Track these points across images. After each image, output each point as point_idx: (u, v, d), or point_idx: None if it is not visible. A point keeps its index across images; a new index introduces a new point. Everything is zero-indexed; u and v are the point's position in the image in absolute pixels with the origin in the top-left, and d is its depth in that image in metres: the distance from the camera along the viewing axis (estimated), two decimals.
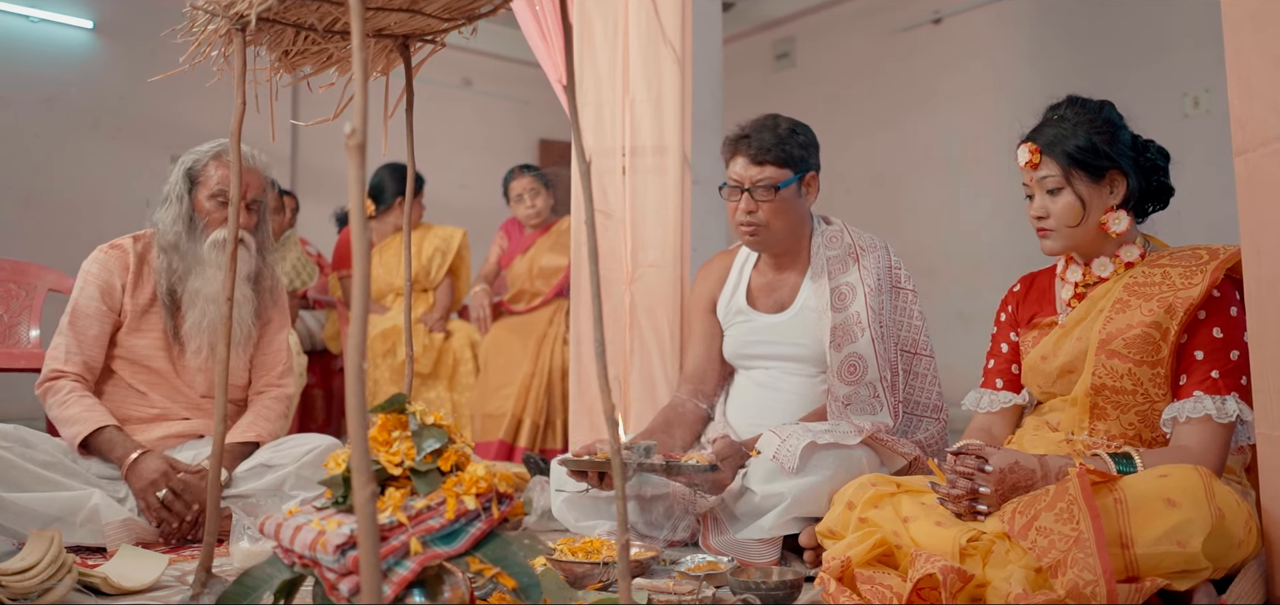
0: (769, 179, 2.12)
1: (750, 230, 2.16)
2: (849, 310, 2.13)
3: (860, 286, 2.15)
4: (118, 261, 2.26)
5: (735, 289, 2.34)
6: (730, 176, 2.17)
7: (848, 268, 2.18)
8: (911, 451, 2.01)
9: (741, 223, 2.16)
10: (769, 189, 2.12)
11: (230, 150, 1.54)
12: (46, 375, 2.18)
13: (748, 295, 2.31)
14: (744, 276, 2.34)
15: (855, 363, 2.10)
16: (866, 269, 2.17)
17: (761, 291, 2.30)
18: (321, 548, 1.14)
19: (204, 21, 1.55)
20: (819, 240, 2.24)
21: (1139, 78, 4.64)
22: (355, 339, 0.97)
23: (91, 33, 5.28)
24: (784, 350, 2.23)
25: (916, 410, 2.21)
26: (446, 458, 1.25)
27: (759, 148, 2.12)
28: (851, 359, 2.10)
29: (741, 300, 2.31)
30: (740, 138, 2.16)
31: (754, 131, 2.15)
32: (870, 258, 2.19)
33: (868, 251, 2.20)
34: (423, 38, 1.68)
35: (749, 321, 2.28)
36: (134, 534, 2.02)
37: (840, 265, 2.19)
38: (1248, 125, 1.49)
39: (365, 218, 0.98)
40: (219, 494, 1.45)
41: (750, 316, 2.29)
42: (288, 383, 2.42)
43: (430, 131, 6.46)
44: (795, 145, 2.15)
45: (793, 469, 1.85)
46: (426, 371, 3.88)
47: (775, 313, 2.26)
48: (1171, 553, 1.34)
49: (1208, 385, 1.59)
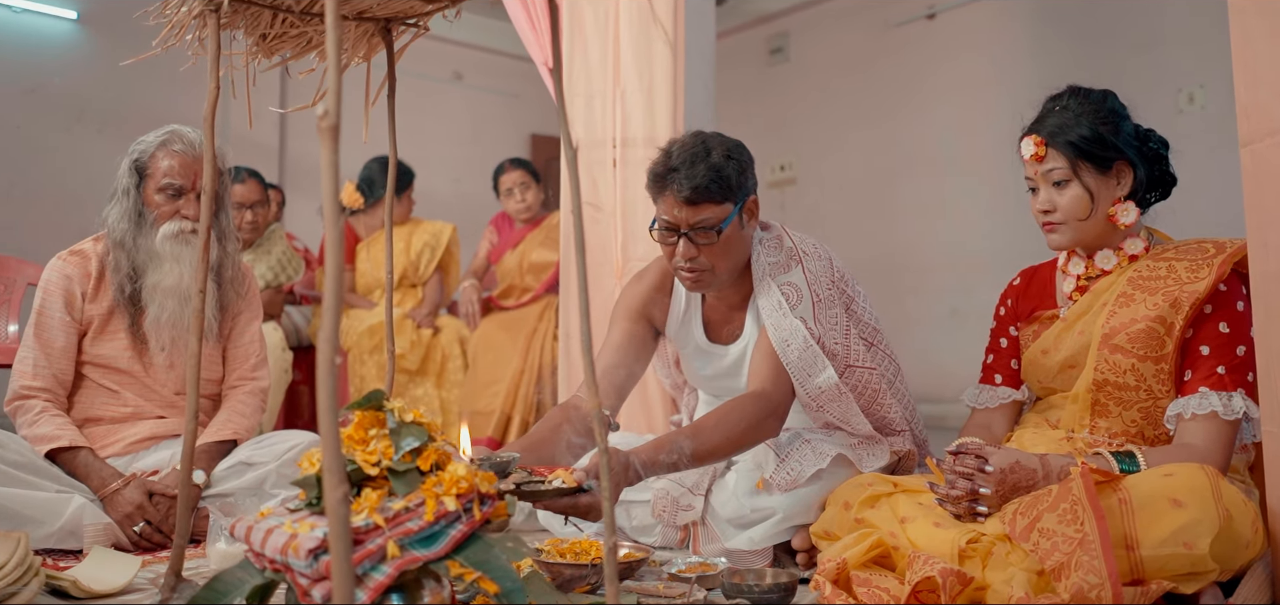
0: (709, 220, 1.82)
1: (693, 277, 1.87)
2: (796, 310, 1.89)
3: (805, 287, 1.92)
4: (78, 268, 2.19)
5: (687, 316, 2.10)
6: (662, 215, 1.85)
7: (790, 268, 1.96)
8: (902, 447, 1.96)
9: (681, 268, 1.87)
10: (710, 231, 1.82)
11: (202, 135, 1.48)
12: (16, 393, 2.11)
13: (706, 328, 2.08)
14: (695, 302, 2.09)
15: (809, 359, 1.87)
16: (810, 273, 1.95)
17: (717, 322, 2.08)
18: (293, 552, 1.09)
19: (177, 2, 1.49)
20: (759, 250, 1.98)
21: (1133, 73, 4.61)
22: (326, 331, 0.92)
23: (75, 23, 5.21)
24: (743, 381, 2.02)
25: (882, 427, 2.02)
26: (426, 457, 1.20)
27: (693, 187, 1.79)
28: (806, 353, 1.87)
29: (700, 336, 2.08)
30: (668, 171, 1.82)
31: (683, 164, 1.80)
32: (812, 262, 1.97)
33: (810, 256, 1.98)
34: (405, 21, 1.63)
35: (718, 358, 2.07)
36: (113, 537, 1.98)
37: (783, 266, 1.96)
38: (1253, 115, 1.45)
39: (338, 204, 0.93)
40: (189, 493, 1.40)
41: (714, 352, 2.07)
42: (261, 376, 2.36)
43: (421, 126, 6.40)
44: (733, 172, 1.82)
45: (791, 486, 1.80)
46: (414, 368, 3.83)
47: (732, 342, 2.06)
48: (1178, 554, 1.30)
49: (1213, 381, 1.55)
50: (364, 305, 3.99)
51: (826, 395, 1.86)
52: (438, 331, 3.93)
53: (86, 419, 2.18)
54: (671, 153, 1.85)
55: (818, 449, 1.86)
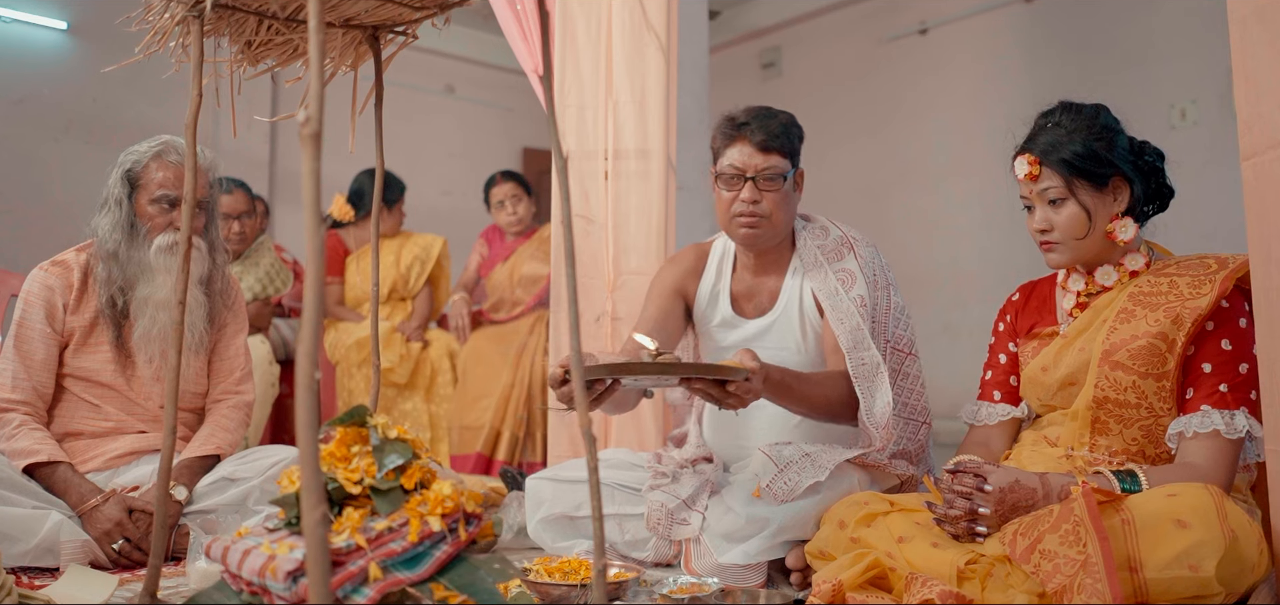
0: (774, 168, 2.00)
1: (751, 222, 2.01)
2: (851, 293, 2.03)
3: (858, 273, 2.05)
4: (60, 280, 2.14)
5: (715, 290, 2.20)
6: (729, 164, 2.01)
7: (844, 255, 2.10)
8: (905, 470, 1.93)
9: (741, 214, 2.01)
10: (776, 178, 2.00)
11: (185, 144, 1.44)
12: None
13: (733, 302, 2.19)
14: (724, 278, 2.20)
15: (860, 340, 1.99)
16: (862, 258, 2.09)
17: (743, 296, 2.18)
18: (271, 574, 1.05)
19: (160, 7, 1.46)
20: (805, 236, 2.13)
21: (1125, 89, 4.61)
22: (305, 343, 0.88)
23: (65, 34, 5.16)
24: (771, 356, 2.12)
25: (905, 412, 2.10)
26: (410, 475, 1.16)
27: (765, 134, 2.00)
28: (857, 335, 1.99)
29: (726, 308, 2.17)
30: (742, 123, 2.02)
31: (754, 118, 2.02)
32: (863, 248, 2.12)
33: (860, 242, 2.13)
34: (394, 29, 1.59)
35: (738, 329, 2.16)
36: (91, 555, 1.93)
37: (835, 253, 2.10)
38: (1255, 127, 1.42)
39: (319, 212, 0.90)
40: (165, 512, 1.35)
41: (737, 323, 2.17)
42: (246, 389, 2.31)
43: (412, 138, 6.36)
44: (794, 137, 2.05)
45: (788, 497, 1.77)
46: (403, 382, 3.78)
47: (758, 317, 2.16)
48: (1183, 577, 1.27)
49: (1216, 399, 1.52)
50: (353, 318, 3.95)
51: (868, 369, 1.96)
52: (427, 345, 3.89)
53: (66, 433, 2.14)
54: (740, 111, 2.06)
55: (817, 462, 1.84)
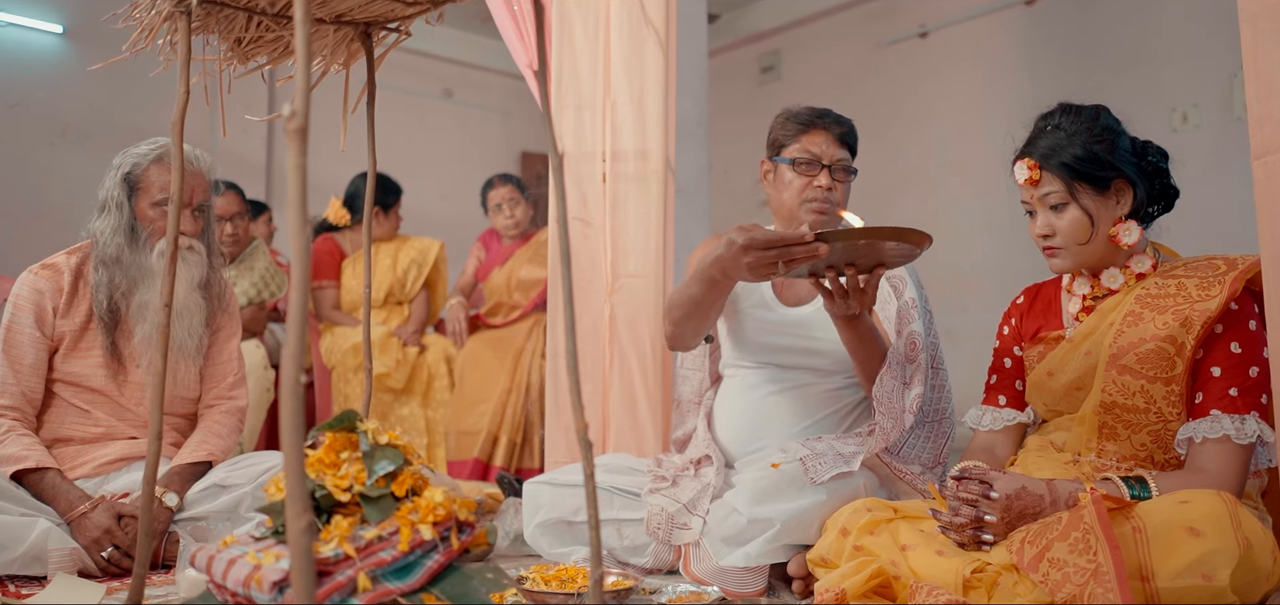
0: (849, 162, 2.09)
1: (823, 207, 2.05)
2: (904, 297, 2.07)
3: (908, 275, 2.10)
4: (50, 283, 2.11)
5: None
6: (807, 150, 2.07)
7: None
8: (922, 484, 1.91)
9: (815, 200, 2.04)
10: (847, 172, 2.08)
11: (172, 145, 1.41)
12: None
13: (773, 286, 2.18)
14: None
15: (914, 340, 2.00)
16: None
17: (782, 283, 2.19)
18: (257, 585, 1.02)
19: (147, 4, 1.43)
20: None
21: (1126, 92, 4.58)
22: (292, 347, 0.85)
23: (60, 37, 5.14)
24: (807, 345, 2.10)
25: (935, 416, 2.08)
26: (401, 481, 1.13)
27: (843, 129, 2.09)
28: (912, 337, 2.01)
29: (766, 290, 2.17)
30: (820, 113, 2.11)
31: (830, 113, 2.11)
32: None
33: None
34: (386, 26, 1.56)
35: (773, 313, 2.15)
36: (80, 563, 1.89)
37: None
38: (1266, 126, 1.39)
39: (304, 210, 0.87)
40: (149, 520, 1.32)
41: (774, 308, 2.16)
42: (239, 394, 2.28)
43: (410, 142, 6.33)
44: (856, 139, 2.14)
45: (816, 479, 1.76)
46: (400, 386, 3.75)
47: (797, 307, 2.14)
48: (1196, 586, 1.23)
49: (1226, 404, 1.49)
50: (350, 323, 3.91)
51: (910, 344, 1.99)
52: (424, 350, 3.86)
53: (56, 438, 2.10)
54: (806, 108, 2.13)
55: (842, 452, 1.83)
